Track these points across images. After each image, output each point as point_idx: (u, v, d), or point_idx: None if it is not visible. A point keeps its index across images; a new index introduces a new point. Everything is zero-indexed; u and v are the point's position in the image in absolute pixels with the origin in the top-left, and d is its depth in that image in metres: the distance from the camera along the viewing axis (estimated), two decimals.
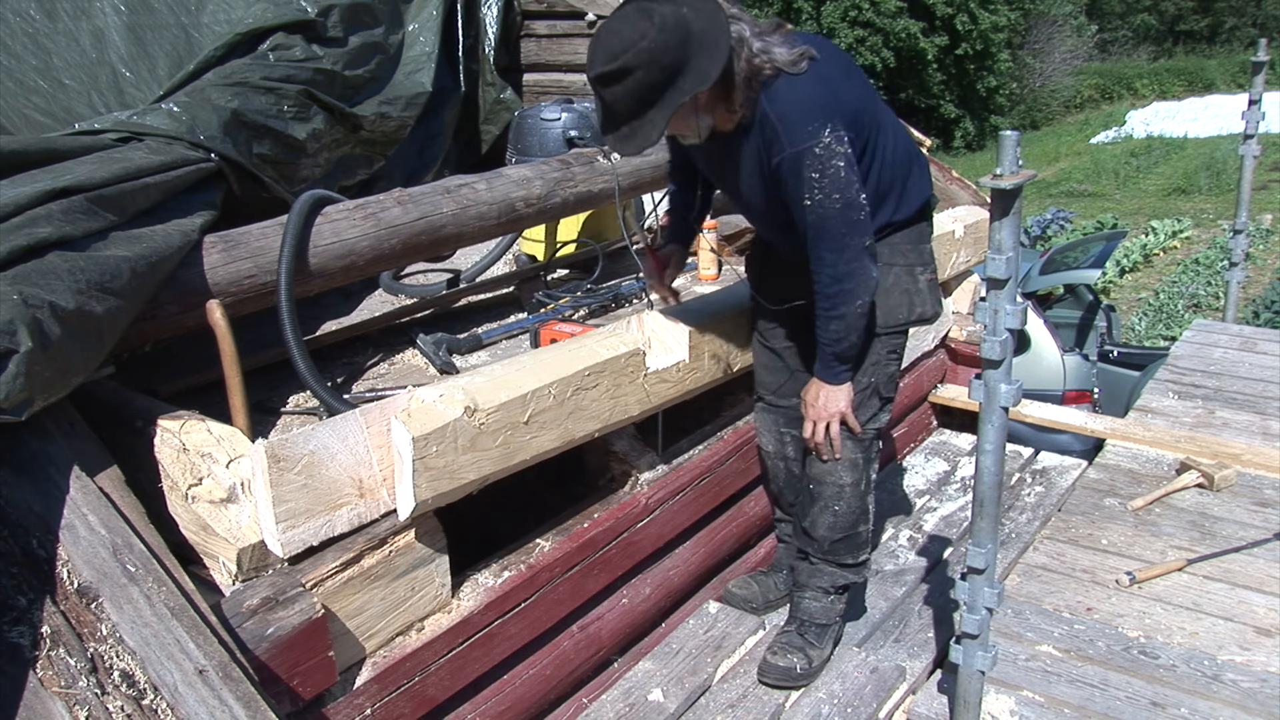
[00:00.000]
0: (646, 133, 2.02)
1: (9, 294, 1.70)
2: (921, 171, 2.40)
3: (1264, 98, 4.66)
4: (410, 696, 2.07)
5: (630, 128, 2.03)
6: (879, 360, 2.41)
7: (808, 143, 2.05)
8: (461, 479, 2.04)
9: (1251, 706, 2.40)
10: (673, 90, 1.97)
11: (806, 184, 2.09)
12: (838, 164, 2.07)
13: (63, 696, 1.52)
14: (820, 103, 2.08)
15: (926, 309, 2.42)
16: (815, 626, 2.57)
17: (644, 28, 1.93)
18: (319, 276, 2.51)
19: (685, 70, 1.96)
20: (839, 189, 2.08)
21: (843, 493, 2.46)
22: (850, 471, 2.44)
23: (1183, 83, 29.04)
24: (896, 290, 2.38)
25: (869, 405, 2.42)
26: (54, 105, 3.27)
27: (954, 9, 22.93)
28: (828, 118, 2.06)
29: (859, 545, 2.53)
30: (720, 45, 1.98)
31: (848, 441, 2.42)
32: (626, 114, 2.01)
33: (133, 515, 1.77)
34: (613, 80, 1.96)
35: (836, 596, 2.59)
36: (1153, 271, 11.80)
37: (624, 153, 2.09)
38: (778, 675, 2.52)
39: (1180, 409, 4.04)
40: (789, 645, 2.55)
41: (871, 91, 2.31)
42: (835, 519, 2.47)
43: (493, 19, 4.54)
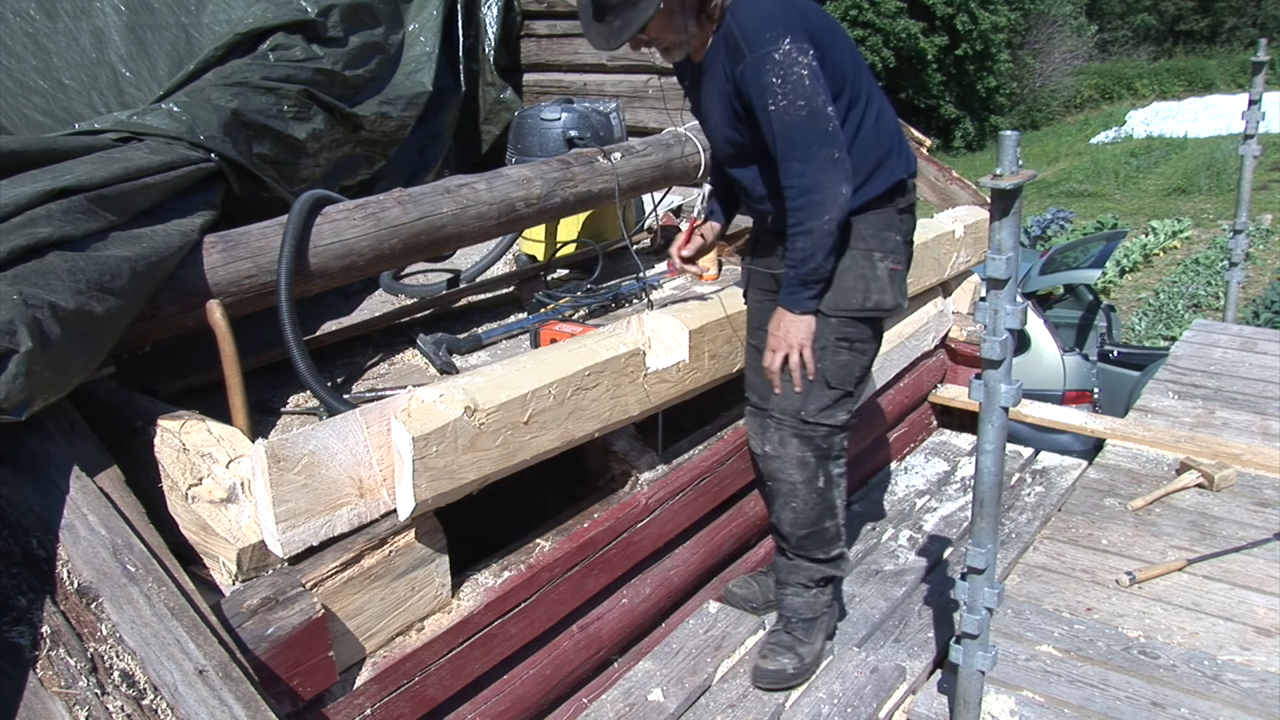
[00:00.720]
0: (638, 16, 2.07)
1: (9, 294, 1.70)
2: (899, 157, 2.36)
3: (1264, 98, 4.66)
4: (410, 696, 2.07)
5: (621, 18, 2.08)
6: (826, 345, 2.33)
7: (766, 48, 2.07)
8: (461, 479, 2.04)
9: (1251, 706, 2.40)
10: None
11: (769, 89, 2.08)
12: (800, 71, 2.07)
13: (63, 696, 1.52)
14: (780, 14, 2.11)
15: (885, 299, 2.34)
16: (802, 622, 2.56)
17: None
18: (319, 276, 2.51)
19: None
20: (803, 95, 2.08)
21: (796, 490, 2.42)
22: (799, 469, 2.40)
23: (1183, 83, 29.04)
24: (851, 274, 2.31)
25: (816, 394, 2.35)
26: (54, 105, 3.26)
27: (954, 9, 22.92)
28: (788, 29, 2.08)
29: (828, 540, 2.49)
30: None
31: (793, 440, 2.38)
32: (617, 2, 2.07)
33: (133, 515, 1.77)
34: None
35: (819, 589, 2.56)
36: (1153, 271, 11.80)
37: (613, 45, 2.12)
38: (770, 679, 2.50)
39: (1180, 409, 4.04)
40: (778, 646, 2.54)
41: (858, 63, 2.29)
42: (795, 515, 2.45)
43: (493, 19, 4.54)
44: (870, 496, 3.58)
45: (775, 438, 2.42)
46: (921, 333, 3.81)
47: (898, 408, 3.81)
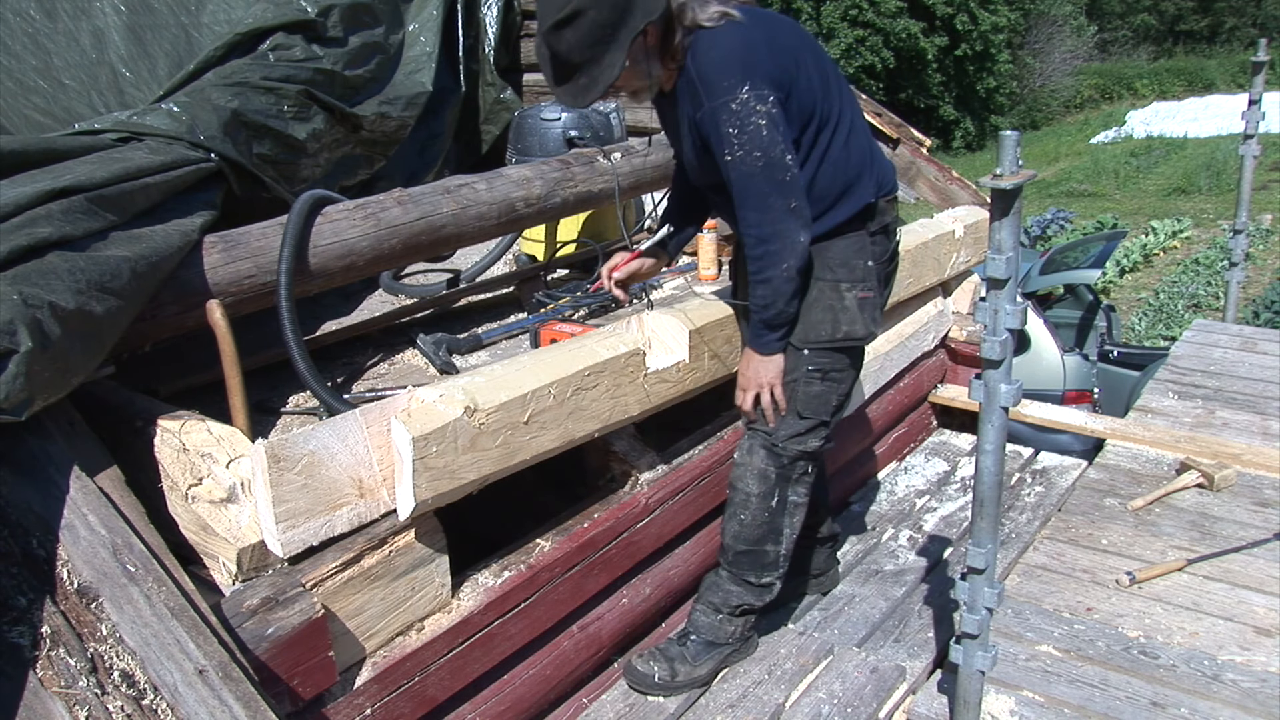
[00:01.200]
0: (606, 74, 2.03)
1: (9, 294, 1.70)
2: (869, 179, 2.31)
3: (1264, 98, 4.66)
4: (410, 696, 2.07)
5: (588, 76, 2.04)
6: (798, 376, 2.31)
7: (724, 97, 2.05)
8: (461, 479, 2.04)
9: (1251, 706, 2.40)
10: (624, 28, 2.00)
11: (726, 139, 2.07)
12: (757, 121, 2.04)
13: (63, 696, 1.52)
14: (739, 59, 2.06)
15: (856, 329, 2.31)
16: (699, 641, 2.47)
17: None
18: (319, 276, 2.51)
19: (632, 7, 2.00)
20: (760, 146, 2.05)
21: (749, 502, 2.39)
22: (759, 481, 2.37)
23: (1183, 83, 29.05)
24: (819, 306, 2.29)
25: (789, 423, 2.34)
26: (54, 105, 3.27)
27: (954, 9, 22.94)
28: (747, 75, 2.04)
29: (764, 565, 2.43)
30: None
31: (761, 450, 2.35)
32: (581, 61, 2.03)
33: (133, 515, 1.77)
34: (565, 24, 1.99)
35: (728, 617, 2.47)
36: (1153, 271, 11.80)
37: (582, 103, 2.09)
38: (634, 679, 2.46)
39: (1180, 409, 4.04)
40: (661, 652, 2.47)
41: (828, 83, 2.24)
42: (740, 528, 2.41)
43: (493, 19, 4.54)
44: (870, 496, 3.58)
45: (745, 445, 2.41)
46: (921, 333, 3.81)
47: (898, 408, 3.81)
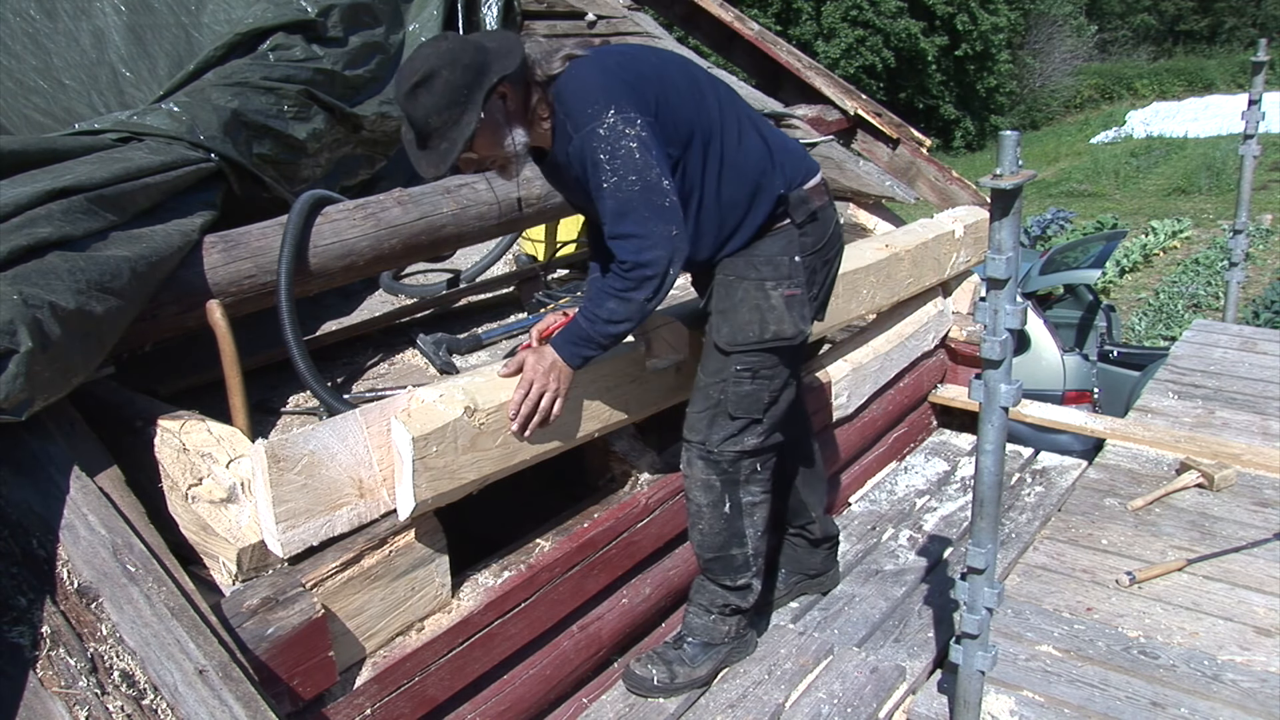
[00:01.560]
0: (462, 133, 1.99)
1: (9, 294, 1.70)
2: (777, 172, 2.26)
3: (1264, 98, 4.66)
4: (410, 696, 2.07)
5: (447, 139, 2.00)
6: (728, 378, 2.29)
7: (591, 124, 2.00)
8: (461, 479, 2.04)
9: (1251, 706, 2.40)
10: (479, 88, 1.98)
11: (599, 167, 2.00)
12: (628, 144, 1.99)
13: (63, 696, 1.52)
14: (599, 85, 2.03)
15: (784, 327, 2.28)
16: (695, 643, 2.48)
17: (441, 43, 2.01)
18: (319, 276, 2.51)
19: (486, 69, 1.99)
20: (634, 170, 1.99)
21: (701, 512, 2.39)
22: (704, 492, 2.36)
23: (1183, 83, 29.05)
24: (745, 307, 2.26)
25: (721, 424, 2.31)
26: (54, 105, 3.26)
27: (954, 9, 22.95)
28: (609, 99, 2.01)
29: (735, 568, 2.43)
30: (514, 50, 2.04)
31: (698, 462, 2.34)
32: (438, 125, 1.99)
33: (133, 515, 1.78)
34: (420, 86, 1.97)
35: (720, 616, 2.48)
36: (1153, 271, 11.80)
37: (440, 170, 2.03)
38: (634, 683, 2.46)
39: (1180, 409, 4.04)
40: (659, 656, 2.48)
41: (701, 92, 2.20)
42: (701, 538, 2.42)
43: (493, 19, 4.53)
44: (870, 496, 3.58)
45: (684, 457, 2.39)
46: (921, 333, 3.81)
47: (898, 408, 3.81)
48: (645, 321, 2.53)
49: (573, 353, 2.12)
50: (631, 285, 2.04)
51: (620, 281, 2.05)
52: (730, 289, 2.27)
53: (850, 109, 4.53)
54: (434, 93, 1.96)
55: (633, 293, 2.05)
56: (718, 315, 2.30)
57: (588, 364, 2.15)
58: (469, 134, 1.99)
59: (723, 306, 2.29)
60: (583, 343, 2.11)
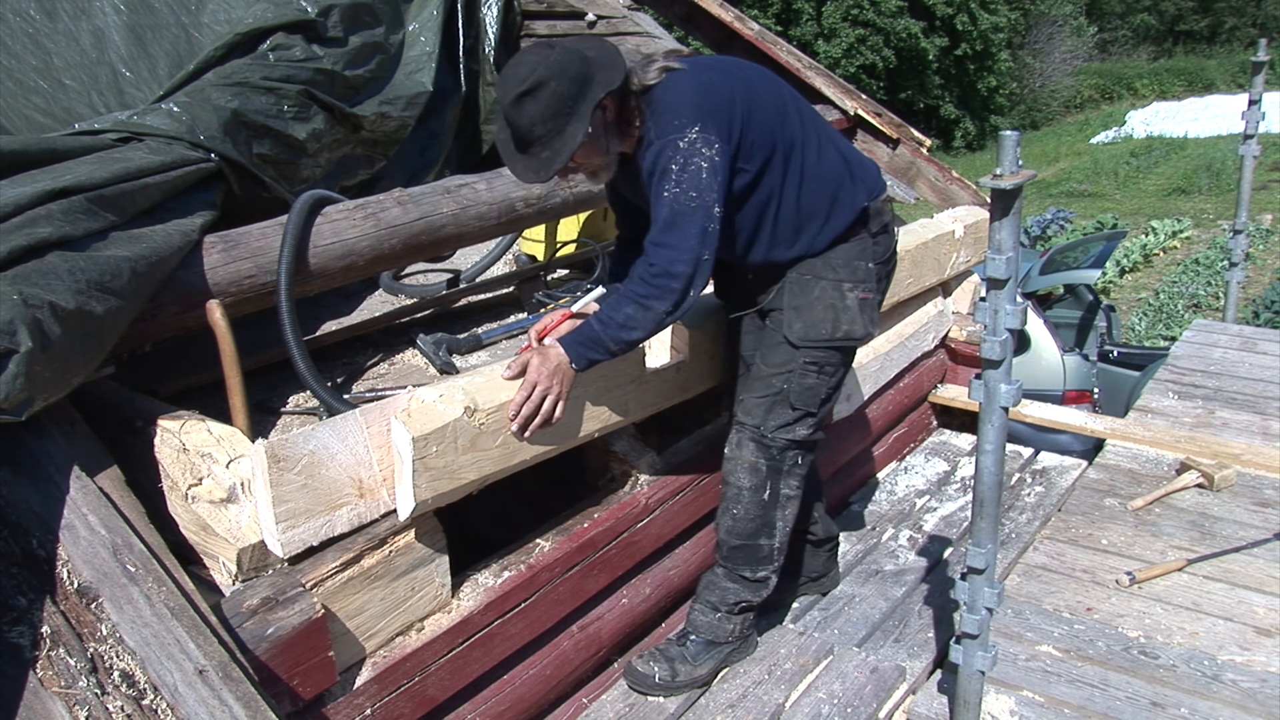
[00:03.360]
0: (567, 145, 2.05)
1: (9, 294, 1.70)
2: (857, 184, 2.35)
3: (1264, 98, 4.66)
4: (410, 696, 2.07)
5: (550, 149, 2.06)
6: (794, 369, 2.35)
7: (672, 135, 2.07)
8: (461, 479, 2.04)
9: (1251, 706, 2.40)
10: (584, 100, 2.04)
11: (667, 175, 2.07)
12: (700, 163, 2.06)
13: (63, 696, 1.52)
14: (692, 102, 2.10)
15: (855, 328, 2.36)
16: (698, 641, 2.49)
17: (547, 52, 2.05)
18: (319, 276, 2.51)
19: (592, 80, 2.05)
20: (696, 188, 2.06)
21: (740, 496, 2.41)
22: (750, 475, 2.39)
23: (1183, 83, 29.06)
24: (820, 305, 2.33)
25: (779, 412, 2.36)
26: (54, 105, 3.26)
27: (954, 9, 22.95)
28: (698, 118, 2.08)
29: (759, 559, 2.45)
30: (616, 62, 2.09)
31: (750, 444, 2.37)
32: (542, 134, 2.05)
33: (133, 515, 1.77)
34: (528, 96, 2.02)
35: (727, 615, 2.49)
36: (1153, 271, 11.81)
37: (543, 177, 2.09)
38: (635, 679, 2.47)
39: (1180, 409, 4.04)
40: (661, 653, 2.48)
41: (785, 107, 2.27)
42: (733, 522, 2.43)
43: (493, 19, 4.53)
44: (870, 496, 3.58)
45: (734, 439, 2.42)
46: (921, 333, 3.81)
47: (898, 408, 3.81)
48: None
49: (580, 354, 2.13)
50: (655, 292, 2.09)
51: (644, 288, 2.10)
52: (806, 287, 2.34)
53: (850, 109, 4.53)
54: (540, 103, 2.02)
55: (654, 301, 2.09)
56: (791, 311, 2.35)
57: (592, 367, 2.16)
58: (576, 146, 2.05)
59: (797, 303, 2.35)
60: (592, 345, 2.13)
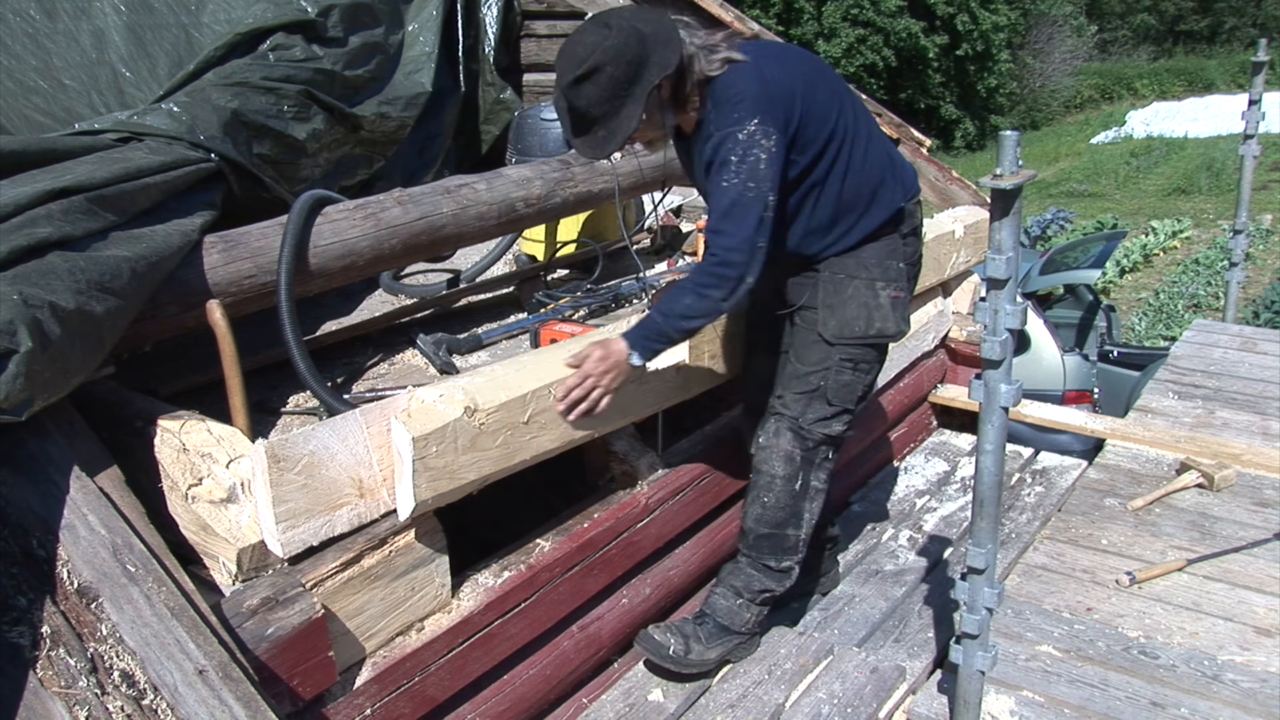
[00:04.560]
0: (624, 126, 2.13)
1: (9, 294, 1.70)
2: (895, 183, 2.40)
3: (1264, 98, 4.65)
4: (410, 696, 2.07)
5: (606, 129, 2.15)
6: (831, 366, 2.40)
7: (732, 127, 2.13)
8: (461, 479, 2.04)
9: (1251, 706, 2.40)
10: (640, 83, 2.11)
11: (726, 165, 2.14)
12: (758, 154, 2.12)
13: (63, 696, 1.52)
14: (753, 95, 2.15)
15: (888, 326, 2.40)
16: (713, 624, 2.50)
17: (604, 33, 2.10)
18: (319, 276, 2.51)
19: (648, 63, 2.11)
20: (754, 179, 2.12)
21: (773, 484, 2.44)
22: (784, 463, 2.43)
23: (1183, 83, 29.05)
24: (854, 303, 2.38)
25: (817, 407, 2.41)
26: (54, 105, 3.26)
27: (954, 8, 22.94)
28: (757, 110, 2.13)
29: (785, 549, 2.48)
30: (673, 41, 2.14)
31: (788, 433, 2.42)
32: (600, 115, 2.13)
33: (133, 515, 1.77)
34: (585, 80, 2.09)
35: (747, 602, 2.51)
36: (1153, 271, 11.81)
37: (600, 155, 2.21)
38: (647, 645, 2.48)
39: (1180, 409, 4.04)
40: (678, 629, 2.50)
41: (840, 100, 2.31)
42: (763, 510, 2.46)
43: (493, 19, 4.54)
44: (870, 496, 3.57)
45: (772, 428, 2.45)
46: (921, 333, 3.81)
47: (898, 408, 3.80)
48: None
49: (645, 346, 2.22)
50: (713, 281, 2.17)
51: (703, 277, 2.18)
52: (840, 286, 2.39)
53: None
54: (598, 86, 2.10)
55: (711, 289, 2.17)
56: (825, 309, 2.40)
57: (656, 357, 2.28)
58: (631, 128, 2.14)
59: (831, 301, 2.40)
60: (656, 337, 2.22)
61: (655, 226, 4.09)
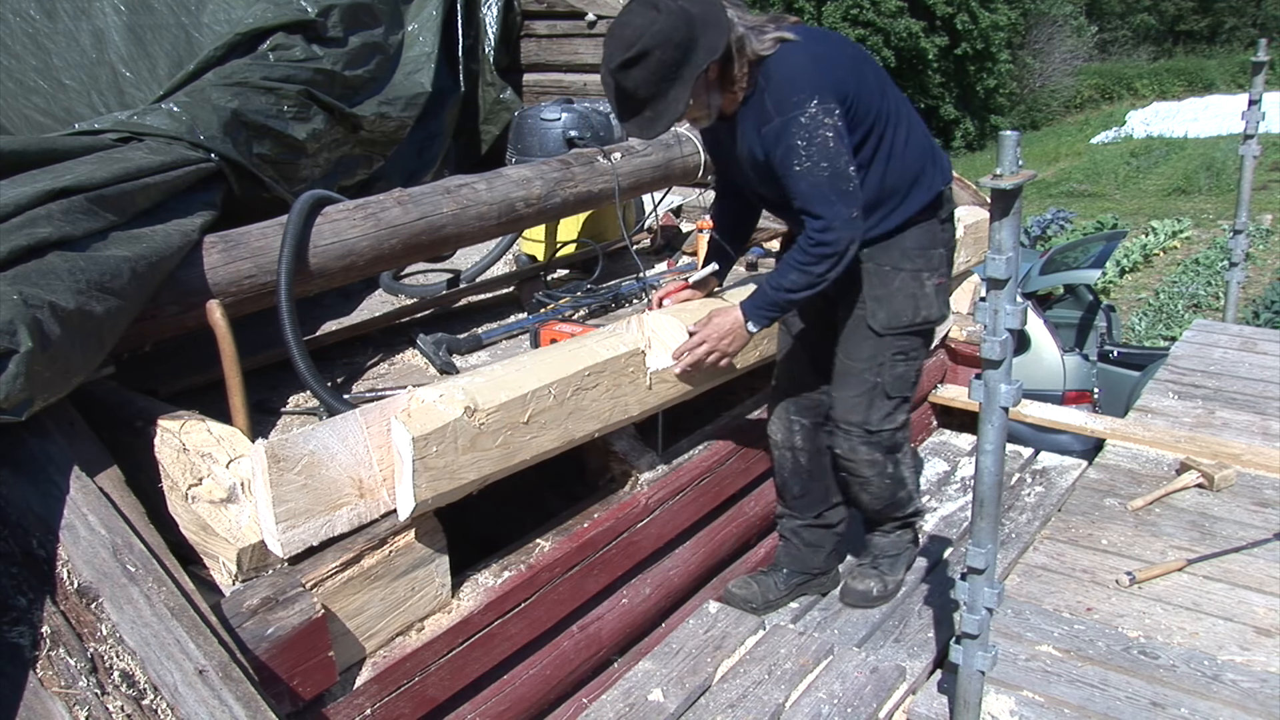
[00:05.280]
0: (671, 109, 2.18)
1: (9, 294, 1.70)
2: (935, 168, 2.48)
3: (1264, 98, 4.65)
4: (410, 696, 2.07)
5: (653, 110, 2.19)
6: (884, 361, 2.50)
7: (793, 112, 2.18)
8: (461, 479, 2.04)
9: (1251, 706, 2.40)
10: (688, 66, 2.14)
11: (794, 151, 2.20)
12: (825, 133, 2.18)
13: (63, 696, 1.52)
14: (808, 75, 2.21)
15: (932, 312, 2.51)
16: (886, 558, 2.86)
17: (653, 15, 2.12)
18: (319, 276, 2.51)
19: (696, 46, 2.14)
20: (826, 157, 2.19)
21: (868, 483, 2.67)
22: (871, 467, 2.64)
23: (1183, 83, 29.05)
24: (901, 295, 2.46)
25: (879, 405, 2.54)
26: (54, 105, 3.26)
27: (954, 8, 22.94)
28: (815, 90, 2.18)
29: (902, 506, 2.78)
30: (720, 23, 2.16)
31: (862, 446, 2.59)
32: (648, 97, 2.17)
33: (133, 515, 1.77)
34: (633, 64, 2.13)
35: (901, 531, 2.86)
36: (1153, 271, 11.81)
37: (648, 135, 2.25)
38: (856, 597, 2.82)
39: (1180, 409, 4.03)
40: (865, 574, 2.84)
41: (884, 86, 2.39)
42: (871, 498, 2.72)
43: (493, 19, 4.54)
44: None
45: (845, 445, 2.61)
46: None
47: None
48: (646, 323, 2.55)
49: (760, 316, 2.41)
50: (813, 260, 2.28)
51: (803, 255, 2.29)
52: (886, 278, 2.46)
53: None
54: (646, 69, 2.13)
55: (813, 266, 2.29)
56: (873, 301, 2.48)
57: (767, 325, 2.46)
58: (679, 111, 2.19)
59: (878, 293, 2.48)
60: (769, 307, 2.40)
61: (655, 226, 4.09)
